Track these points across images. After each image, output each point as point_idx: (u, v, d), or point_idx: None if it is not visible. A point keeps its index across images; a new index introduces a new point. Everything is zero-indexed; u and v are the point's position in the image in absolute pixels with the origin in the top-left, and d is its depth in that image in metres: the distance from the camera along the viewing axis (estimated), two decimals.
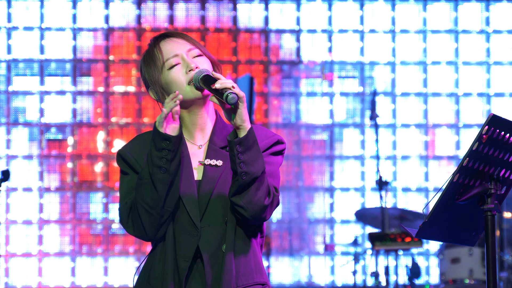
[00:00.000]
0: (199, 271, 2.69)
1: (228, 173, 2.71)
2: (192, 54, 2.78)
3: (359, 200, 8.67)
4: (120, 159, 2.77)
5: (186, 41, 2.81)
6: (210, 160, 2.74)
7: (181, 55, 2.78)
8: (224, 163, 2.73)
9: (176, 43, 2.81)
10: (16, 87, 8.62)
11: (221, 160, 2.74)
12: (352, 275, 7.50)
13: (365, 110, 8.71)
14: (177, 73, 2.75)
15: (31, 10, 8.65)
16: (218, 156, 2.75)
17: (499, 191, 2.73)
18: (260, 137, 2.74)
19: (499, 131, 2.64)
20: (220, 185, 2.71)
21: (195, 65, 2.74)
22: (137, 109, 8.65)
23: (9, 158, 8.53)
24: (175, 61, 2.77)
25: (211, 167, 2.73)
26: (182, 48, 2.79)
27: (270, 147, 2.78)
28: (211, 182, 2.70)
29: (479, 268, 7.08)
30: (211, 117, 2.81)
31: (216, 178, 2.71)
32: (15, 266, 8.47)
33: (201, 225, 2.68)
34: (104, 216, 8.54)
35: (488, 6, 8.87)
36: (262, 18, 8.80)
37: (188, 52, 2.78)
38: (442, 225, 2.74)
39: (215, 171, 2.72)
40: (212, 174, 2.72)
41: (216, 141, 2.77)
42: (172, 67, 2.76)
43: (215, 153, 2.75)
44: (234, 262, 2.68)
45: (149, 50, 2.85)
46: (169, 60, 2.77)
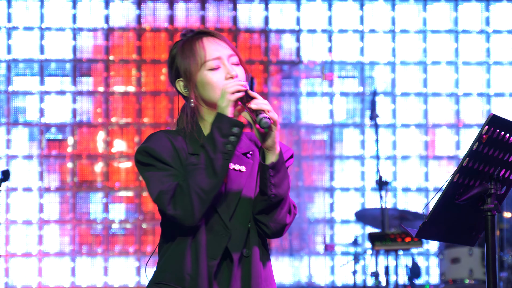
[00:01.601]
0: (225, 271, 2.70)
1: (250, 179, 2.75)
2: (232, 60, 2.76)
3: (359, 200, 8.67)
4: (144, 155, 2.70)
5: (228, 45, 2.78)
6: (234, 165, 2.75)
7: (223, 60, 2.74)
8: (246, 169, 2.76)
9: (220, 46, 2.76)
10: (16, 87, 8.62)
11: (244, 166, 2.76)
12: (352, 275, 7.50)
13: (365, 110, 8.71)
14: (217, 77, 2.72)
15: (31, 10, 8.65)
16: (241, 162, 2.76)
17: (499, 191, 2.73)
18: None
19: (499, 131, 2.64)
20: (245, 190, 2.73)
21: (236, 73, 2.72)
22: (137, 109, 8.65)
23: (9, 158, 8.53)
24: (216, 64, 2.73)
25: (235, 172, 2.74)
26: (225, 52, 2.75)
27: (286, 161, 2.83)
28: (237, 186, 2.72)
29: (479, 268, 7.08)
30: None
31: (242, 183, 2.73)
32: (15, 266, 8.47)
33: (230, 227, 2.70)
34: (104, 216, 8.54)
35: (488, 6, 8.87)
36: (262, 18, 8.80)
37: (229, 57, 2.75)
38: (442, 225, 2.74)
39: (239, 176, 2.74)
40: (237, 178, 2.73)
41: (241, 146, 2.78)
42: (213, 69, 2.73)
43: (238, 159, 2.76)
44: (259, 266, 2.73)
45: (189, 43, 2.77)
46: (210, 62, 2.73)
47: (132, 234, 8.54)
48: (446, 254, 7.24)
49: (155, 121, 8.64)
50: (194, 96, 2.77)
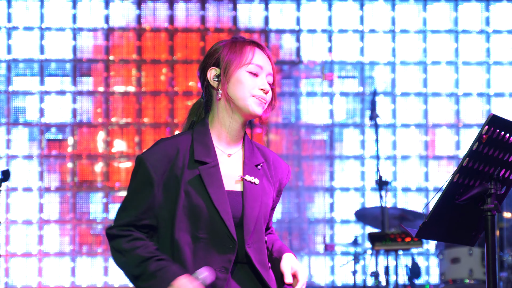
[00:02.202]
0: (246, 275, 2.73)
1: (264, 193, 2.78)
2: (269, 79, 2.82)
3: (359, 200, 8.67)
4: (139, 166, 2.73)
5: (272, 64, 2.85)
6: (250, 177, 2.78)
7: (264, 72, 2.80)
8: (260, 182, 2.79)
9: (266, 60, 2.83)
10: (16, 87, 8.62)
11: (258, 178, 2.79)
12: (352, 275, 7.50)
13: (365, 110, 8.71)
14: (253, 80, 2.78)
15: (31, 10, 8.65)
16: (255, 174, 2.80)
17: (499, 191, 2.73)
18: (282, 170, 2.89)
19: (499, 131, 2.64)
20: (261, 204, 2.77)
21: (268, 90, 2.79)
22: (137, 109, 8.65)
23: (9, 158, 8.53)
24: (258, 71, 2.79)
25: (251, 184, 2.77)
26: (268, 68, 2.82)
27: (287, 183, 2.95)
28: (255, 199, 2.75)
29: (479, 268, 7.08)
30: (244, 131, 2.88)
31: (258, 196, 2.76)
32: (15, 266, 8.47)
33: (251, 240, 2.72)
34: (104, 216, 8.54)
35: (488, 6, 8.87)
36: (262, 18, 8.80)
37: (268, 74, 2.82)
38: (442, 225, 2.74)
39: (255, 188, 2.77)
40: (254, 191, 2.76)
41: (250, 157, 2.82)
42: (252, 72, 2.79)
43: (252, 170, 2.80)
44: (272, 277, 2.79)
45: (242, 44, 2.85)
46: (254, 66, 2.80)
47: None
48: (446, 254, 7.24)
49: (155, 121, 8.64)
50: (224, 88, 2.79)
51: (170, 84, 8.68)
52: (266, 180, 2.81)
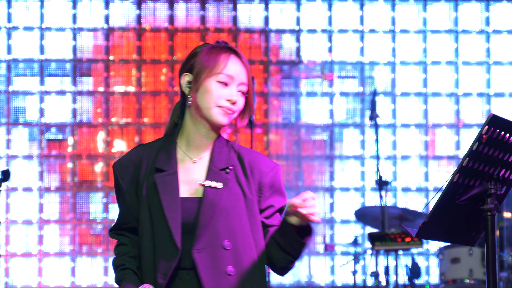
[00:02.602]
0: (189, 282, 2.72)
1: (228, 197, 2.75)
2: (241, 88, 2.80)
3: (359, 200, 8.67)
4: (113, 171, 2.86)
5: (246, 73, 2.81)
6: (211, 182, 2.76)
7: (236, 81, 2.78)
8: (224, 186, 2.76)
9: (240, 69, 2.80)
10: (16, 87, 8.62)
11: (221, 182, 2.76)
12: (352, 275, 7.50)
13: (365, 110, 8.71)
14: (221, 90, 2.76)
15: (31, 10, 8.65)
16: (218, 178, 2.77)
17: (499, 191, 2.73)
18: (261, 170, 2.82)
19: (499, 131, 2.64)
20: (220, 208, 2.73)
21: (235, 100, 2.77)
22: (137, 109, 8.65)
23: (9, 158, 8.53)
24: (228, 81, 2.77)
25: (211, 189, 2.75)
26: (241, 77, 2.79)
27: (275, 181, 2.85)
28: (211, 205, 2.72)
29: (479, 268, 7.08)
30: (212, 136, 2.84)
31: (216, 201, 2.73)
32: (15, 266, 8.47)
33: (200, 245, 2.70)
34: (104, 216, 8.54)
35: (488, 6, 8.87)
36: (262, 18, 8.80)
37: (240, 84, 2.80)
38: (442, 225, 2.74)
39: (215, 193, 2.74)
40: (213, 196, 2.73)
41: (216, 162, 2.79)
42: (222, 82, 2.77)
43: (216, 175, 2.77)
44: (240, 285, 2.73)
45: (218, 51, 2.81)
46: (224, 75, 2.77)
47: None
48: (446, 254, 7.24)
49: (155, 121, 8.64)
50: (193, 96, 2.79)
51: (170, 84, 8.68)
52: (235, 183, 2.78)
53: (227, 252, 2.72)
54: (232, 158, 2.83)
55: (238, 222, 2.75)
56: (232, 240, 2.73)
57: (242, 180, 2.79)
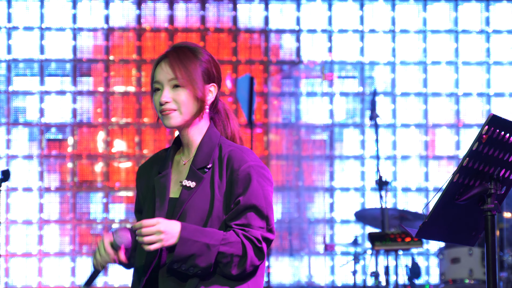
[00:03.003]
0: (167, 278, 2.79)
1: (199, 196, 2.79)
2: (172, 83, 2.85)
3: (359, 200, 8.67)
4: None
5: (171, 68, 2.86)
6: (187, 181, 2.82)
7: (162, 83, 2.87)
8: (196, 185, 2.80)
9: (162, 70, 2.88)
10: (16, 87, 8.62)
11: (195, 181, 2.81)
12: (352, 275, 7.49)
13: (365, 110, 8.71)
14: (155, 99, 2.88)
15: (31, 10, 8.65)
16: (193, 178, 2.82)
17: (499, 191, 2.73)
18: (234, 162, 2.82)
19: (499, 131, 2.64)
20: (187, 207, 2.79)
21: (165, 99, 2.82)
22: (137, 109, 8.65)
23: (9, 158, 8.53)
24: (158, 87, 2.88)
25: (186, 188, 2.82)
26: (165, 77, 2.86)
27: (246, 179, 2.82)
28: (180, 204, 2.80)
29: (479, 268, 7.08)
30: (197, 136, 2.89)
31: (186, 200, 2.79)
32: (15, 266, 8.47)
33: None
34: (104, 216, 8.54)
35: (488, 6, 8.87)
36: (262, 18, 8.80)
37: (169, 81, 2.86)
38: (442, 225, 2.74)
39: (188, 193, 2.81)
40: (185, 196, 2.81)
41: (197, 161, 2.84)
42: (155, 91, 2.88)
43: (193, 174, 2.83)
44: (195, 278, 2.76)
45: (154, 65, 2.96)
46: (153, 84, 2.89)
47: None
48: (446, 254, 7.24)
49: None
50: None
51: None
52: (208, 183, 2.81)
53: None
54: (214, 156, 2.85)
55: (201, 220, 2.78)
56: None
57: (216, 179, 2.82)
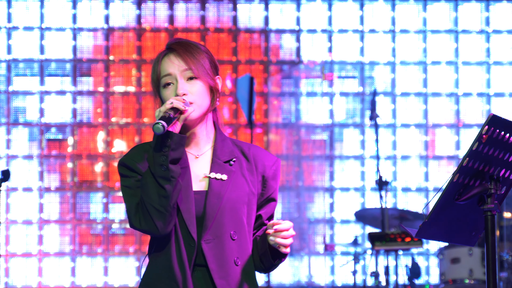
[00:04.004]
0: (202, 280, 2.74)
1: (233, 188, 2.79)
2: (187, 75, 2.80)
3: (359, 200, 8.67)
4: (121, 166, 2.82)
5: (183, 60, 2.80)
6: (216, 174, 2.80)
7: (174, 75, 2.80)
8: (228, 178, 2.80)
9: (172, 63, 2.80)
10: (16, 87, 8.62)
11: (226, 174, 2.80)
12: (352, 275, 7.50)
13: (365, 110, 8.71)
14: (168, 93, 2.80)
15: (31, 10, 8.65)
16: (223, 170, 2.81)
17: (499, 191, 2.73)
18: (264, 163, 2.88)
19: (499, 131, 2.64)
20: (226, 199, 2.77)
21: (184, 91, 2.76)
22: (137, 109, 8.65)
23: (9, 158, 8.53)
24: (169, 79, 2.80)
25: (217, 181, 2.79)
26: (178, 69, 2.79)
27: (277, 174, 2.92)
28: (218, 196, 2.76)
29: (479, 268, 7.08)
30: (209, 130, 2.87)
31: (223, 192, 2.77)
32: (15, 266, 8.47)
33: (208, 236, 2.74)
34: (104, 216, 8.54)
35: (488, 6, 8.87)
36: (262, 18, 8.80)
37: (182, 73, 2.80)
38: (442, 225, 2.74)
39: (221, 185, 2.78)
40: (218, 188, 2.78)
41: (220, 155, 2.83)
42: (165, 85, 2.81)
43: (220, 167, 2.81)
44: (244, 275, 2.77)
45: (156, 59, 2.86)
46: (163, 78, 2.81)
47: (132, 234, 8.54)
48: (446, 254, 7.24)
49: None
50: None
51: None
52: (240, 175, 2.82)
53: (234, 242, 2.77)
54: (235, 150, 2.87)
55: (241, 214, 2.79)
56: (237, 231, 2.78)
57: (245, 172, 2.84)
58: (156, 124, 2.63)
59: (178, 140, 2.68)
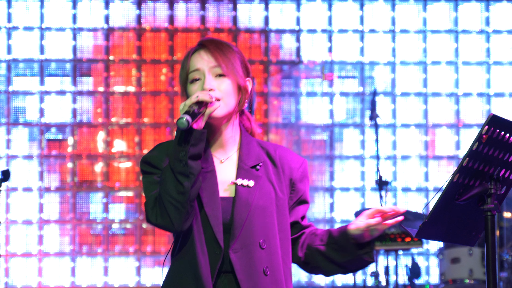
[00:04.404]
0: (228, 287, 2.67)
1: (260, 195, 2.71)
2: (216, 71, 2.73)
3: (359, 200, 8.67)
4: (144, 164, 2.75)
5: (213, 56, 2.73)
6: (242, 180, 2.72)
7: (203, 71, 2.73)
8: (255, 184, 2.72)
9: (201, 58, 2.73)
10: (16, 87, 8.62)
11: (253, 180, 2.72)
12: (352, 275, 7.50)
13: (365, 110, 8.71)
14: (195, 88, 2.72)
15: (31, 10, 8.65)
16: (249, 176, 2.73)
17: (499, 191, 2.73)
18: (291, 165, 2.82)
19: (499, 131, 2.64)
20: (254, 207, 2.69)
21: (210, 87, 2.69)
22: (137, 109, 8.65)
23: (9, 158, 8.53)
24: (196, 75, 2.73)
25: (243, 188, 2.71)
26: (207, 64, 2.73)
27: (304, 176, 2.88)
28: (245, 204, 2.68)
29: (479, 268, 7.08)
30: (235, 133, 2.79)
31: (250, 200, 2.69)
32: (15, 266, 8.47)
33: (236, 245, 2.66)
34: (104, 216, 8.54)
35: (488, 6, 8.87)
36: (262, 18, 8.80)
37: (211, 69, 2.73)
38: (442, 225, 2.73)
39: (248, 192, 2.70)
40: (246, 195, 2.69)
41: (245, 160, 2.75)
42: (193, 81, 2.74)
43: (246, 173, 2.73)
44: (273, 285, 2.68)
45: (186, 55, 2.80)
46: (191, 74, 2.74)
47: (132, 234, 8.54)
48: (446, 254, 7.24)
49: (155, 121, 8.64)
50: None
51: (170, 84, 8.68)
52: (266, 180, 2.74)
53: (263, 251, 2.68)
54: (261, 154, 2.80)
55: (270, 221, 2.71)
56: (266, 239, 2.69)
57: (272, 177, 2.77)
58: (180, 119, 2.55)
59: (199, 135, 2.60)
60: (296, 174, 2.82)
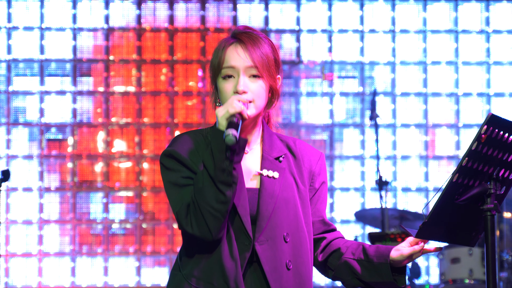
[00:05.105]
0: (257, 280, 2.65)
1: (285, 187, 2.70)
2: (250, 72, 2.71)
3: (359, 200, 8.66)
4: (168, 158, 2.67)
5: (250, 56, 2.70)
6: (267, 171, 2.71)
7: (238, 70, 2.70)
8: (280, 176, 2.72)
9: (238, 56, 2.70)
10: (16, 87, 8.62)
11: (277, 172, 2.72)
12: None
13: (365, 110, 8.71)
14: (228, 86, 2.69)
15: (31, 10, 8.64)
16: (274, 167, 2.73)
17: (498, 191, 2.73)
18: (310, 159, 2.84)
19: (498, 131, 2.64)
20: (279, 199, 2.68)
21: (244, 89, 2.67)
22: (137, 109, 8.65)
23: (9, 158, 8.53)
24: (230, 72, 2.69)
25: (269, 179, 2.70)
26: (243, 63, 2.70)
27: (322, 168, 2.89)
28: (271, 195, 2.67)
29: (479, 268, 7.08)
30: (258, 126, 2.83)
31: (276, 192, 2.68)
32: (15, 266, 8.47)
33: (262, 237, 2.64)
34: (104, 216, 8.53)
35: (488, 6, 8.86)
36: (262, 18, 8.80)
37: (246, 69, 2.70)
38: (442, 225, 2.74)
39: (273, 183, 2.69)
40: (271, 186, 2.68)
41: (269, 150, 2.77)
42: (226, 77, 2.70)
43: (271, 164, 2.73)
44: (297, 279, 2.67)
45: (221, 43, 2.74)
46: (225, 69, 2.69)
47: (132, 234, 8.54)
48: (446, 254, 7.24)
49: (155, 121, 8.63)
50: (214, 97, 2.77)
51: (170, 84, 8.68)
52: (288, 172, 2.75)
53: (286, 245, 2.67)
54: (282, 147, 2.82)
55: (294, 214, 2.70)
56: (291, 232, 2.68)
57: (294, 169, 2.77)
58: (228, 136, 2.49)
59: (243, 144, 2.57)
60: (315, 167, 2.83)
